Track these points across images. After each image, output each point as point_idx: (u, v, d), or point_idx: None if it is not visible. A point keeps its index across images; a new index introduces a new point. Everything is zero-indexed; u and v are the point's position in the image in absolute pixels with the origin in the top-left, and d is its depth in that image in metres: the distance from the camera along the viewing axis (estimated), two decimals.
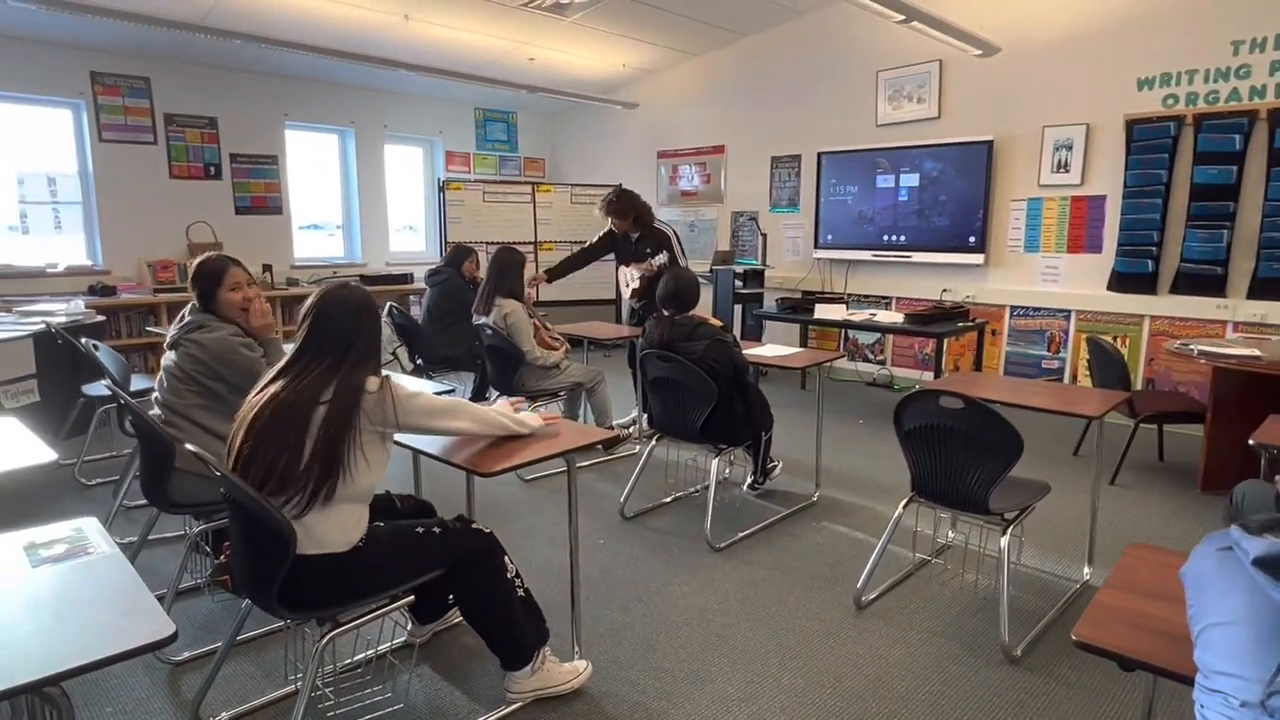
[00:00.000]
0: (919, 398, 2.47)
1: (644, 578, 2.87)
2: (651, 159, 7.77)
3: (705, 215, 7.40)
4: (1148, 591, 1.39)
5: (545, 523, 3.38)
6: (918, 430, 2.48)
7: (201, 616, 2.58)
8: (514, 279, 4.09)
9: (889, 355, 6.22)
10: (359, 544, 1.83)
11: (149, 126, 6.15)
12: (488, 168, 8.34)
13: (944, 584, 2.83)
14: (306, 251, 7.25)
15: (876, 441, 4.54)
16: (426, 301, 4.99)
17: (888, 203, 5.94)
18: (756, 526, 3.32)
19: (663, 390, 3.28)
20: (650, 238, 4.60)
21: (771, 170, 6.79)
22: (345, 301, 1.91)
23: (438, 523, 2.02)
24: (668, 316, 3.28)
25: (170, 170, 6.28)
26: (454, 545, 2.00)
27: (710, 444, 3.29)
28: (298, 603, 1.78)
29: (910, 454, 2.55)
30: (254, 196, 6.70)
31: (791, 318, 5.52)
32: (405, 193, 8.01)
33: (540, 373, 4.12)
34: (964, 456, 2.40)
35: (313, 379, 1.81)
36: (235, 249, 6.54)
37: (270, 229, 6.81)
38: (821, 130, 6.34)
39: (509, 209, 7.44)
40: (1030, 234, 5.37)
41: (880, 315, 5.21)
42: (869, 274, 6.22)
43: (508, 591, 2.05)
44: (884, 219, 5.98)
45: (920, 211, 5.78)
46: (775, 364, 3.58)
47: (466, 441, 2.27)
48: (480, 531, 2.06)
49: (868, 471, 4.06)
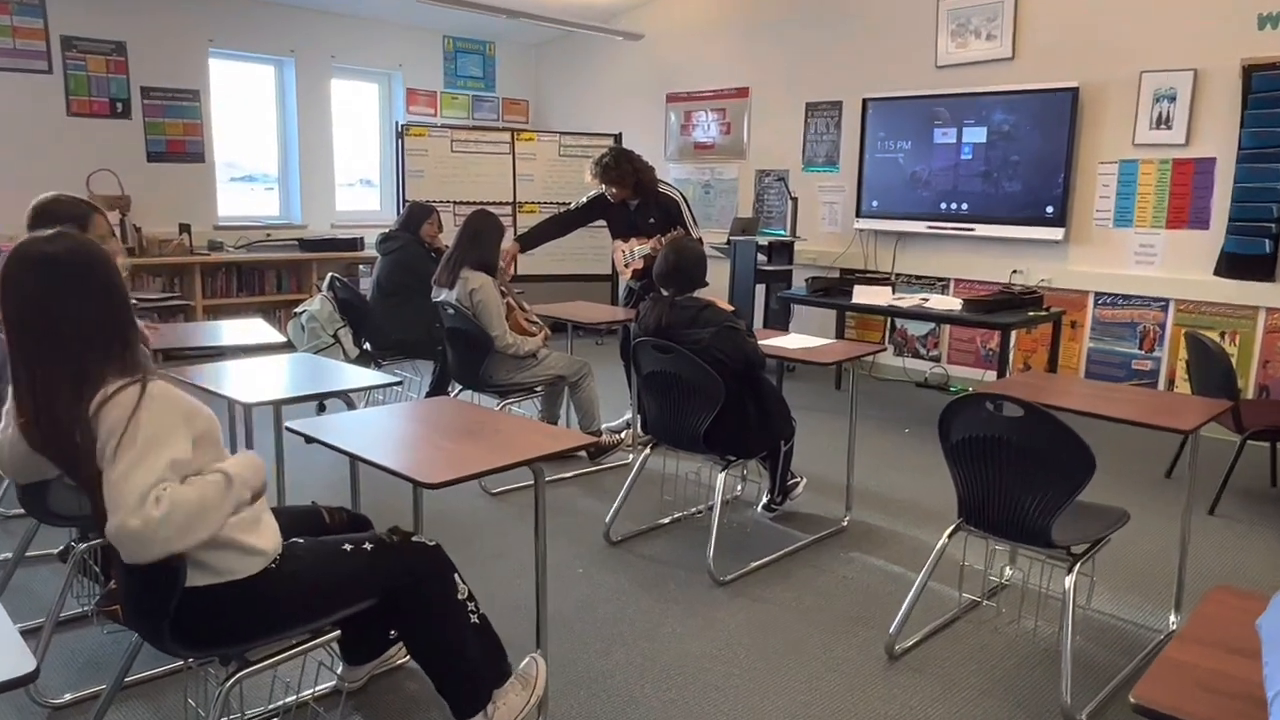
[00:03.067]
0: (970, 403, 2.47)
1: (630, 615, 2.88)
2: (659, 103, 7.74)
3: (723, 174, 7.38)
4: (1232, 646, 1.39)
5: (513, 545, 3.39)
6: (967, 443, 2.48)
7: (88, 651, 2.59)
8: (488, 249, 4.10)
9: (944, 350, 6.21)
10: (270, 565, 1.83)
11: (42, 52, 6.16)
12: (458, 110, 8.34)
13: (996, 631, 2.83)
14: (234, 209, 7.27)
15: (924, 456, 4.53)
16: (376, 272, 5.00)
17: (947, 162, 5.92)
18: (771, 556, 3.33)
19: (659, 387, 3.28)
20: (654, 204, 4.60)
21: (806, 120, 6.76)
22: (44, 264, 1.62)
23: (370, 538, 2.03)
24: (667, 297, 3.28)
25: (68, 106, 6.29)
26: (391, 565, 2.01)
27: (716, 455, 3.29)
28: (196, 638, 1.79)
29: (958, 472, 2.56)
30: (170, 140, 6.72)
31: (825, 302, 5.52)
32: (357, 140, 8.02)
33: (513, 363, 4.13)
34: (1023, 477, 2.40)
35: (29, 398, 1.64)
36: (147, 204, 6.57)
37: (190, 181, 6.83)
38: (868, 72, 6.31)
39: (483, 162, 7.45)
40: (1121, 204, 5.35)
41: (934, 301, 5.21)
42: (922, 250, 6.20)
43: (459, 618, 2.06)
44: (942, 182, 5.96)
45: (987, 174, 5.76)
46: (801, 358, 3.56)
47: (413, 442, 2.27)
48: (424, 546, 2.08)
49: (911, 493, 4.05)
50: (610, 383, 5.65)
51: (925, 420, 5.21)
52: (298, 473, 3.97)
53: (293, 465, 3.86)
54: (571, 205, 4.91)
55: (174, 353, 4.28)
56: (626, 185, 4.53)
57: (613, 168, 4.50)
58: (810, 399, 5.66)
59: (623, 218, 4.69)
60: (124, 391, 1.62)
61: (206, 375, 2.99)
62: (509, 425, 2.41)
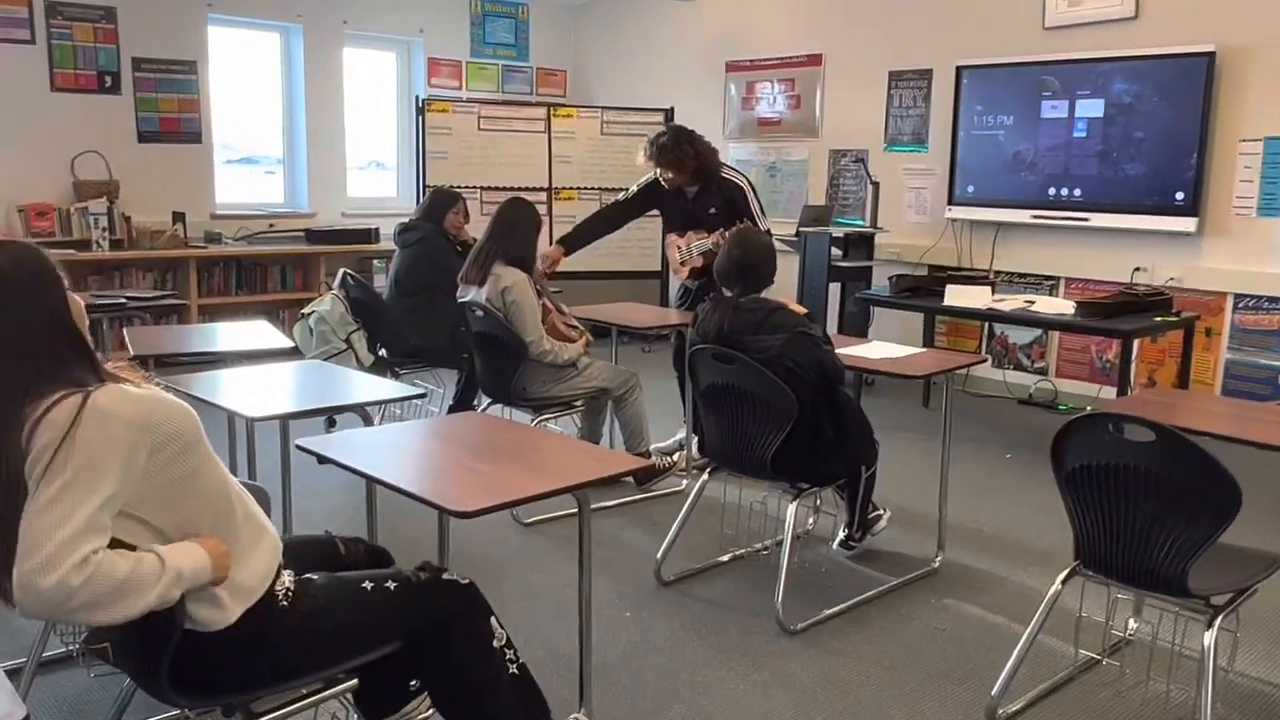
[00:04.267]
0: (1089, 425, 2.44)
1: (686, 667, 2.88)
2: (717, 73, 7.75)
3: (792, 155, 7.37)
4: None
5: (550, 584, 3.41)
6: (1085, 472, 2.45)
7: (74, 695, 2.65)
8: (524, 242, 4.14)
9: (1052, 361, 6.13)
10: (282, 604, 1.86)
11: (24, 19, 6.35)
12: (486, 82, 8.43)
13: (1119, 694, 2.79)
14: (234, 195, 7.43)
15: (1029, 485, 4.48)
16: (394, 268, 5.07)
17: (1057, 140, 5.84)
18: (849, 601, 3.31)
19: (720, 403, 3.27)
20: (716, 192, 4.60)
21: (889, 92, 6.72)
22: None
23: (395, 575, 2.05)
24: (730, 298, 3.28)
25: (52, 80, 6.48)
26: (419, 605, 2.02)
27: (786, 482, 3.28)
28: (194, 685, 1.82)
29: (1074, 506, 2.52)
30: (164, 118, 6.88)
31: (911, 304, 5.49)
32: (372, 117, 8.14)
33: (549, 373, 4.15)
34: (1153, 513, 2.36)
35: None
36: (137, 190, 6.74)
37: (185, 163, 6.99)
38: (963, 35, 6.26)
39: (514, 141, 7.52)
40: (1267, 190, 5.24)
41: (1041, 303, 5.15)
42: (1027, 243, 6.13)
43: (495, 668, 2.07)
44: (1051, 164, 5.89)
45: (1105, 154, 5.68)
46: (885, 370, 3.54)
47: (439, 463, 2.29)
48: (456, 584, 2.09)
49: (1015, 529, 4.01)
50: (660, 397, 5.64)
51: (1029, 444, 5.13)
52: (304, 498, 4.02)
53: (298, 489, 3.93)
54: (620, 196, 4.92)
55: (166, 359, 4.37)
56: (685, 170, 4.53)
57: (670, 149, 4.50)
58: (894, 418, 5.61)
59: (679, 208, 4.70)
60: (60, 406, 1.60)
61: (203, 384, 3.05)
62: (549, 445, 2.43)
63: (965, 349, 6.42)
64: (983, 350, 6.39)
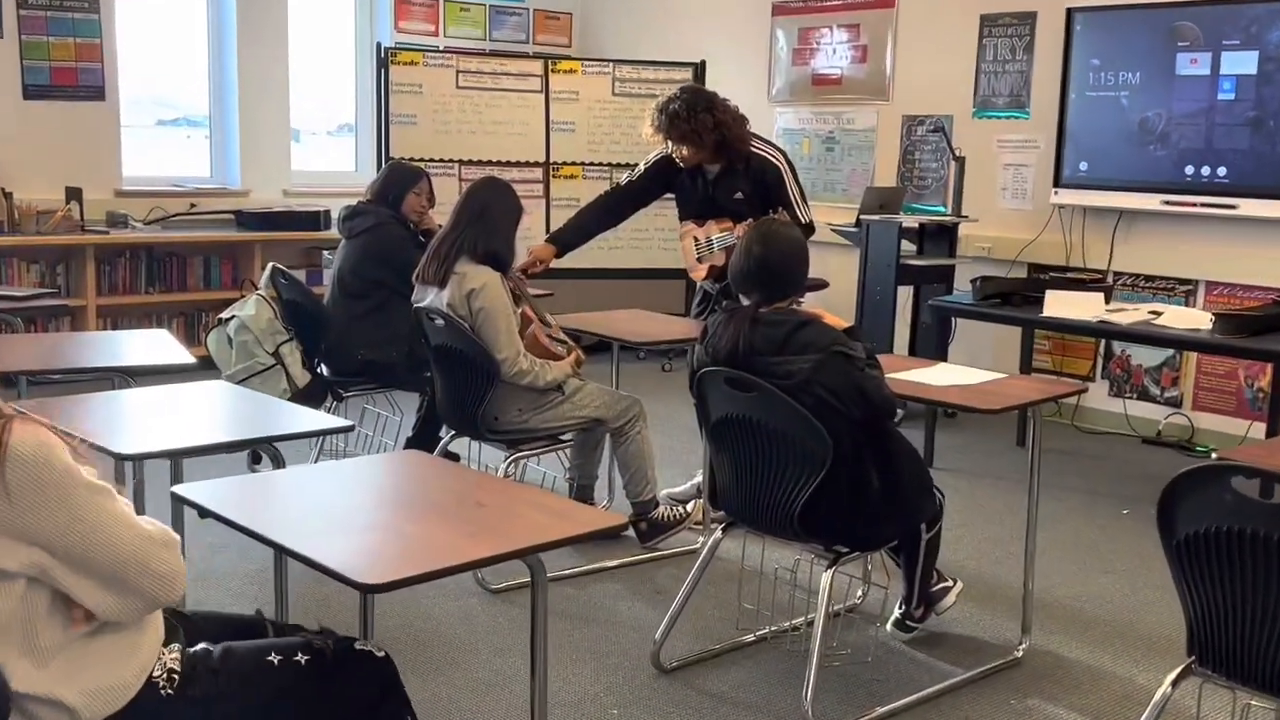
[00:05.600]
0: (1207, 477, 2.41)
1: None
2: (761, 17, 7.77)
3: (854, 122, 7.36)
4: None
5: (517, 671, 3.39)
6: (1201, 540, 2.41)
7: None
8: (497, 232, 4.14)
9: (1187, 390, 6.10)
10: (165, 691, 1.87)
11: None
12: (469, 28, 8.48)
13: None
14: (147, 167, 7.50)
15: (1152, 551, 4.33)
16: (338, 263, 5.08)
17: (1196, 104, 5.82)
18: (905, 700, 3.29)
19: (735, 441, 3.26)
20: (743, 172, 4.61)
21: (980, 41, 6.71)
22: None
23: (304, 646, 2.07)
24: (747, 309, 3.26)
25: None
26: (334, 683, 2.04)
27: (821, 544, 3.26)
28: None
29: (1187, 583, 2.49)
30: (57, 68, 6.96)
31: (1003, 315, 5.47)
32: (323, 70, 8.18)
33: (528, 399, 4.15)
34: None
35: None
36: (20, 159, 6.81)
37: (83, 126, 7.07)
38: None
39: (503, 103, 7.55)
40: None
41: (1171, 314, 5.13)
42: (1156, 236, 6.12)
43: None
44: (1187, 136, 5.86)
45: (1258, 123, 5.67)
46: (956, 401, 3.53)
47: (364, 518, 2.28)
48: (370, 657, 2.10)
49: (1127, 607, 3.97)
50: (676, 429, 5.62)
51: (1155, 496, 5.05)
52: (210, 555, 4.04)
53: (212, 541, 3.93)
54: (624, 178, 4.92)
55: (39, 376, 4.38)
56: (704, 144, 4.52)
57: (684, 118, 4.50)
58: (976, 460, 5.57)
59: (696, 191, 4.70)
60: None
61: (79, 411, 3.05)
62: (499, 496, 2.42)
63: (1072, 373, 6.38)
64: (1095, 374, 6.34)
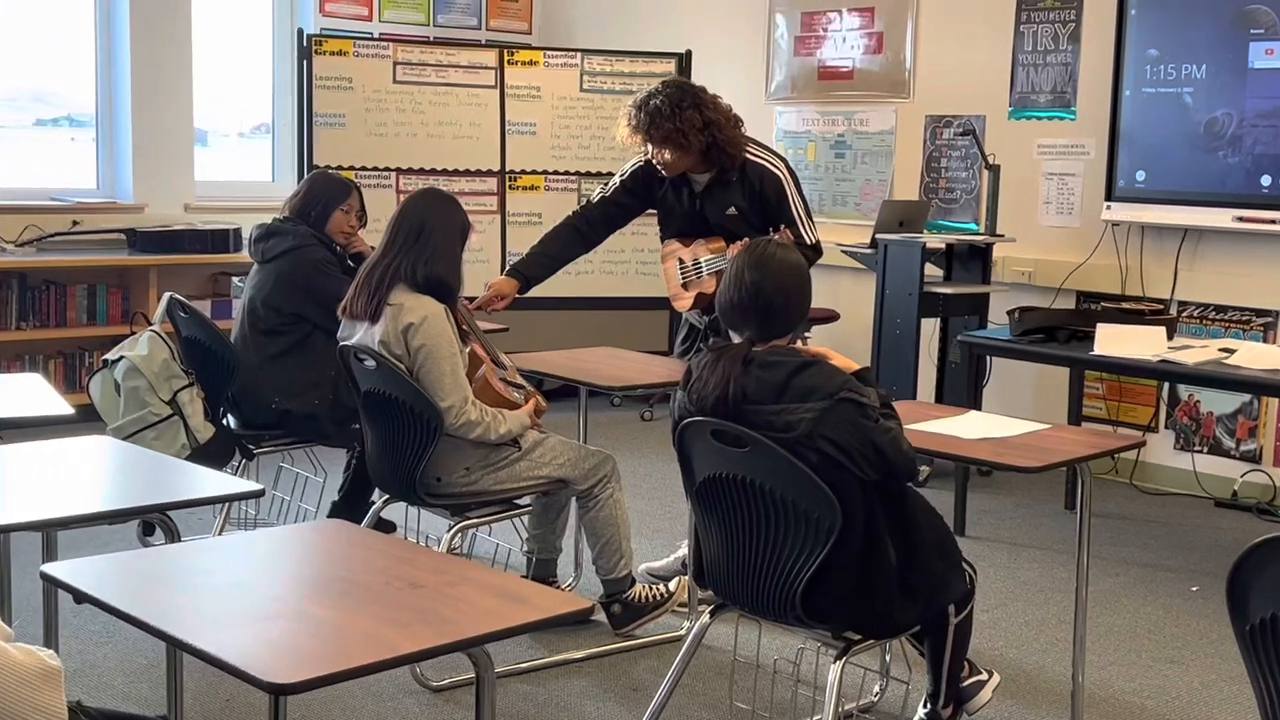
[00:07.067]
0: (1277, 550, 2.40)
1: None
2: (759, 1, 7.83)
3: (869, 124, 7.42)
4: None
5: None
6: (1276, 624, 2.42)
7: None
8: (438, 255, 4.15)
9: (1268, 442, 6.12)
10: None
11: None
12: (409, 10, 8.52)
13: None
14: (20, 177, 7.47)
15: (1224, 634, 4.42)
16: (248, 293, 5.09)
17: (1273, 102, 5.88)
18: None
19: (725, 506, 3.26)
20: (738, 183, 4.65)
21: (1017, 28, 6.78)
22: None
23: None
24: (739, 347, 3.27)
25: None
26: None
27: (828, 629, 3.27)
28: None
29: (1262, 677, 2.48)
30: None
31: (1045, 353, 5.47)
32: (234, 61, 8.20)
33: (477, 456, 4.16)
34: None
35: None
36: None
37: None
38: None
39: (449, 100, 7.57)
40: None
41: (1245, 352, 5.12)
42: (1227, 259, 6.16)
43: None
44: (1263, 140, 5.92)
45: None
46: (996, 460, 3.56)
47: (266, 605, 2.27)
48: None
49: (1195, 702, 3.99)
50: (657, 491, 5.62)
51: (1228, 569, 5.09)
52: (92, 648, 4.03)
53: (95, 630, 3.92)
54: (595, 193, 4.94)
55: None
56: (691, 147, 4.55)
57: (666, 116, 4.52)
58: (1015, 528, 5.58)
59: (681, 204, 4.73)
60: None
61: None
62: (439, 576, 2.41)
63: (1130, 421, 6.39)
64: (1160, 424, 6.36)
